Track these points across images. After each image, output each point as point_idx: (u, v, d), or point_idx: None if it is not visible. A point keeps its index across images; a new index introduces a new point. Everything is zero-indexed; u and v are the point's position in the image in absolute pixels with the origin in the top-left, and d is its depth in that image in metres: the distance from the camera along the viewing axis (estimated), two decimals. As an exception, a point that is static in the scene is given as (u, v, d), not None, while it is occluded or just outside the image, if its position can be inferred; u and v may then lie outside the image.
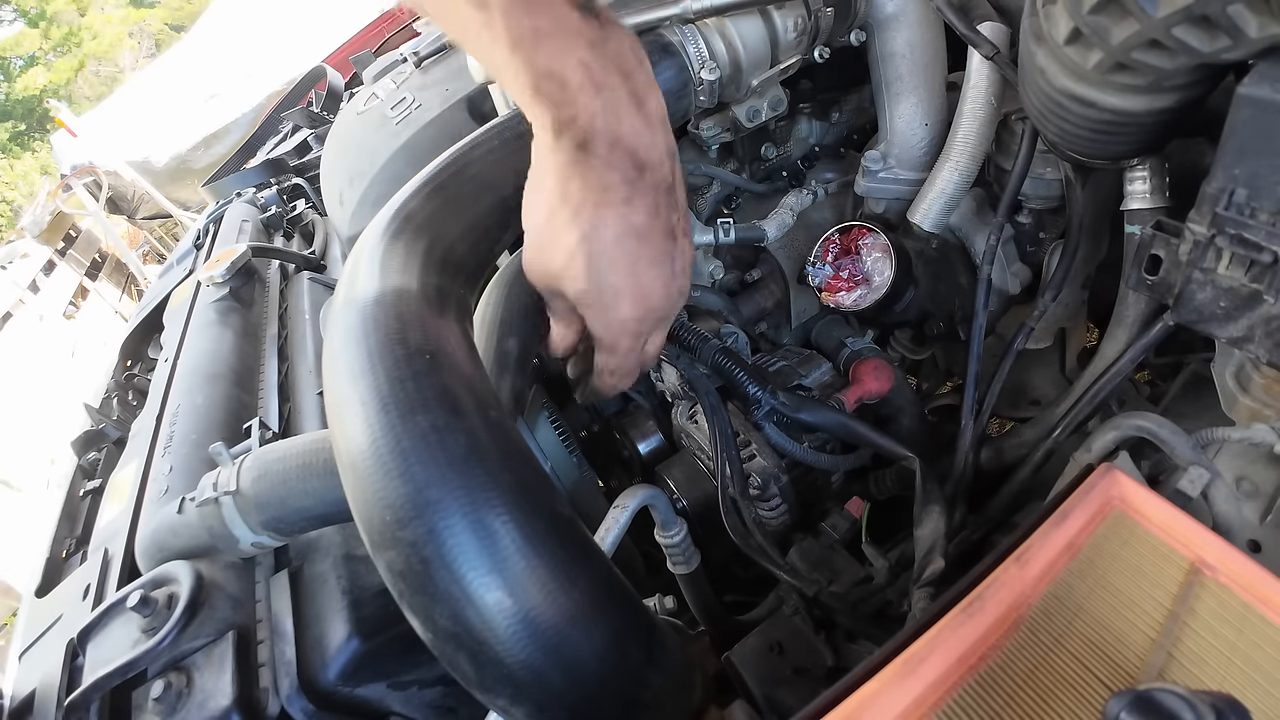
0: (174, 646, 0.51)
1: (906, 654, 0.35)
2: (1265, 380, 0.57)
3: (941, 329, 0.92)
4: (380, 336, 0.39)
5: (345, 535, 0.59)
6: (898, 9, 0.81)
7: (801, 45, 0.79)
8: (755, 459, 0.73)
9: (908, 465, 0.69)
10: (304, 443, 0.55)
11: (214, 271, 1.01)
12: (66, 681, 0.54)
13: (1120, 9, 0.44)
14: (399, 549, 0.34)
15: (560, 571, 0.35)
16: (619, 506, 0.51)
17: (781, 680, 0.55)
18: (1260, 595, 0.38)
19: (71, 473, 0.93)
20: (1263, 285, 0.47)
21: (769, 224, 0.93)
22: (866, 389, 0.81)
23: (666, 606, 0.70)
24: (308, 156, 1.78)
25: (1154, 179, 0.63)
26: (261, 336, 0.98)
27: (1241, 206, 0.47)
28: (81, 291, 4.59)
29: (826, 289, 0.87)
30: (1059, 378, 0.95)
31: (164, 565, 0.55)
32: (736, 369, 0.74)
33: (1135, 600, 0.39)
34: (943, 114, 0.86)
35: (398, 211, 0.50)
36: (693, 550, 0.60)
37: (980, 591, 0.38)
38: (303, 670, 0.52)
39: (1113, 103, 0.52)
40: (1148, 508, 0.43)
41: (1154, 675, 0.35)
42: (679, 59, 0.73)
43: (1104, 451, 0.51)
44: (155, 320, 1.19)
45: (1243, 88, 0.44)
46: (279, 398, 0.83)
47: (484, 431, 0.37)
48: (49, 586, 0.72)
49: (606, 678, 0.37)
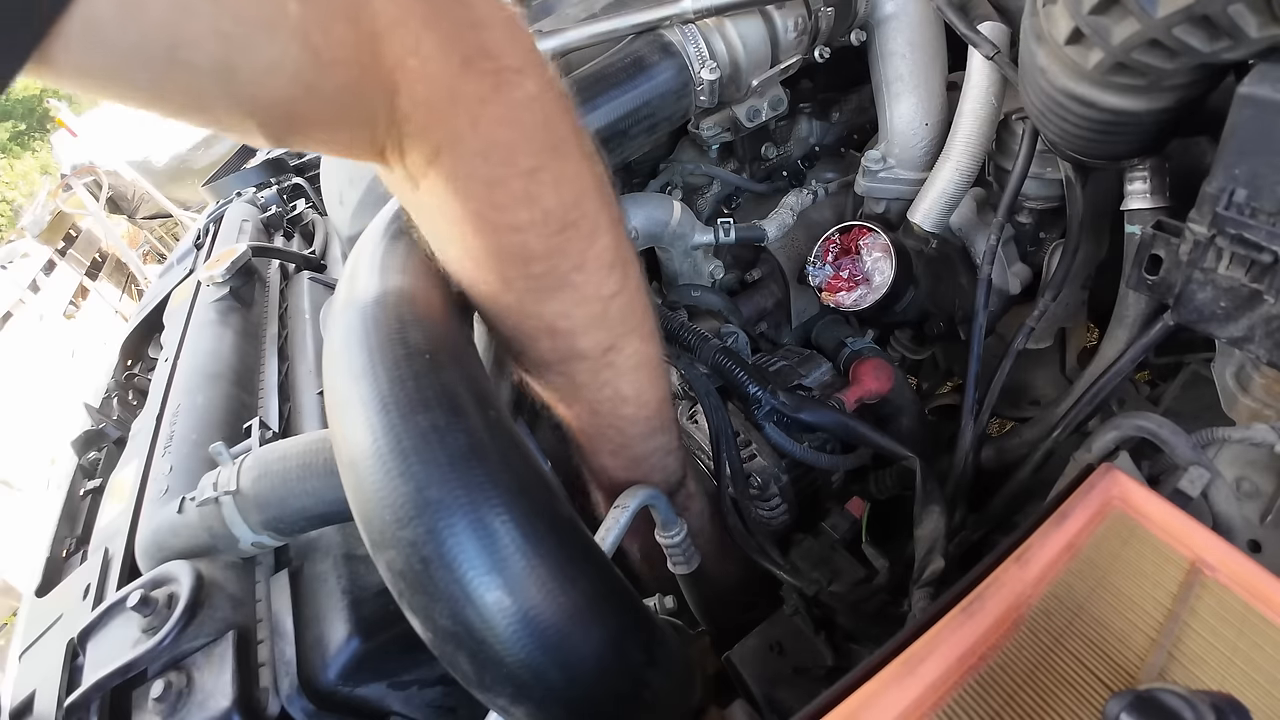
0: (174, 646, 0.50)
1: (906, 654, 0.35)
2: (1265, 380, 0.57)
3: (941, 329, 0.92)
4: (380, 336, 0.39)
5: (345, 535, 0.59)
6: (898, 9, 0.81)
7: (802, 45, 0.80)
8: (755, 459, 0.73)
9: (908, 465, 0.69)
10: (304, 442, 0.55)
11: (214, 271, 1.01)
12: (66, 681, 0.54)
13: (1121, 9, 0.44)
14: (399, 548, 0.34)
15: (560, 571, 0.35)
16: (619, 506, 0.51)
17: (781, 680, 0.55)
18: (1260, 595, 0.38)
19: (71, 472, 0.93)
20: (1263, 285, 0.47)
21: (769, 224, 0.93)
22: (867, 389, 0.81)
23: (666, 606, 0.70)
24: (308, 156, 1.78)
25: (1154, 179, 0.63)
26: (262, 336, 0.98)
27: (1241, 206, 0.47)
28: (82, 291, 4.59)
29: (827, 289, 0.87)
30: (1059, 378, 0.95)
31: (164, 565, 0.55)
32: (736, 369, 0.74)
33: (1135, 600, 0.39)
34: (943, 114, 0.86)
35: (398, 212, 0.50)
36: (693, 550, 0.60)
37: (980, 591, 0.38)
38: (303, 670, 0.52)
39: (1113, 103, 0.51)
40: (1148, 508, 0.43)
41: (1154, 675, 0.35)
42: (679, 59, 0.73)
43: (1104, 451, 0.51)
44: (155, 320, 1.19)
45: (1243, 87, 0.44)
46: (279, 397, 0.83)
47: (484, 431, 0.37)
48: (49, 586, 0.72)
49: (606, 677, 0.37)
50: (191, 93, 0.31)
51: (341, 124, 0.37)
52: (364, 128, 0.37)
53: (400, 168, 0.40)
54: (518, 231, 0.41)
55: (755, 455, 0.73)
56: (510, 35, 0.38)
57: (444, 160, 0.38)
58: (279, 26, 0.30)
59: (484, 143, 0.38)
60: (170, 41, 0.27)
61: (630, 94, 0.72)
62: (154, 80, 0.30)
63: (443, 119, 0.37)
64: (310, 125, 0.36)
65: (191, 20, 0.27)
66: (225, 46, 0.29)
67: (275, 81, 0.31)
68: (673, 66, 0.73)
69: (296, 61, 0.31)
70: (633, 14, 0.73)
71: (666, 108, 0.74)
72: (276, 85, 0.32)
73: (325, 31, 0.31)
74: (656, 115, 0.74)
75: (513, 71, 0.38)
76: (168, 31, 0.27)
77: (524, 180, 0.39)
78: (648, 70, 0.72)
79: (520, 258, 0.42)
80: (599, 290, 0.45)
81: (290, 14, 0.29)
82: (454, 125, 0.37)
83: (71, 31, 0.24)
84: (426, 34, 0.34)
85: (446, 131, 0.37)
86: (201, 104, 0.33)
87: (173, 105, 0.32)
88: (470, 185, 0.39)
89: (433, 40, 0.34)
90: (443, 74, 0.35)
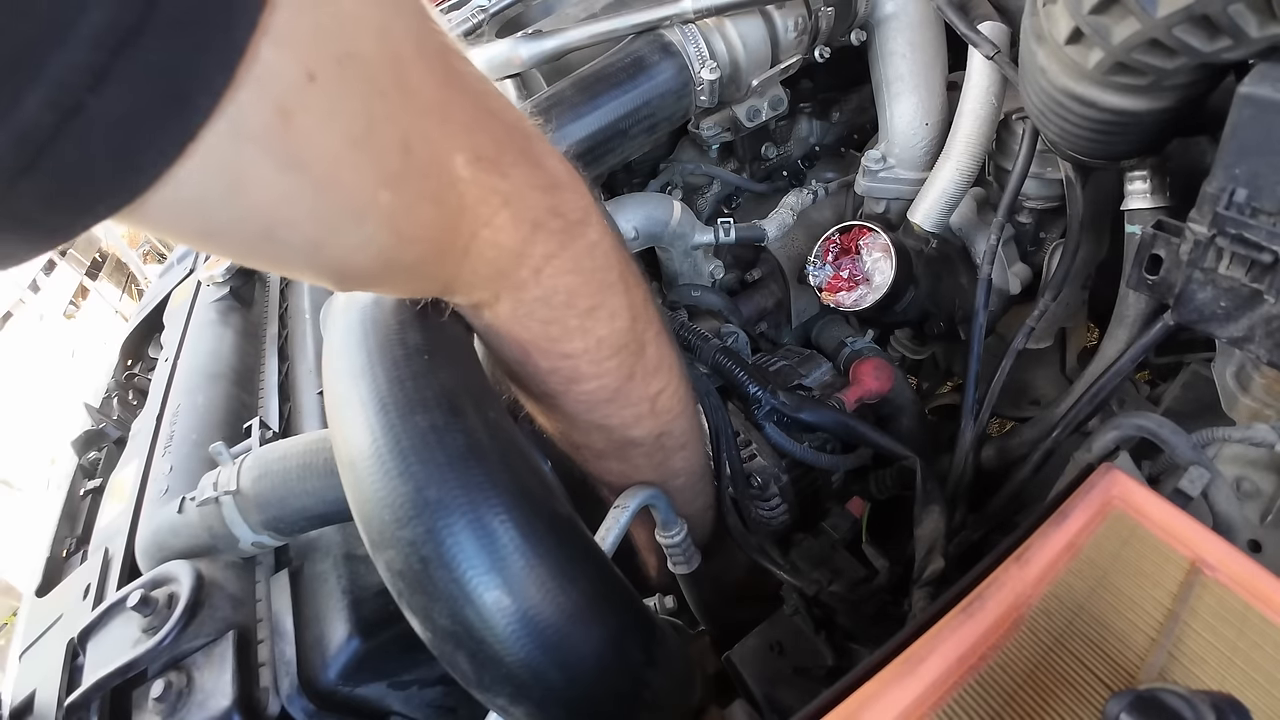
0: (174, 646, 0.50)
1: (906, 654, 0.35)
2: (1265, 380, 0.57)
3: (942, 329, 0.92)
4: (379, 336, 0.39)
5: (345, 535, 0.59)
6: (898, 8, 0.81)
7: (802, 45, 0.80)
8: (755, 459, 0.73)
9: (908, 465, 0.69)
10: (304, 442, 0.55)
11: (214, 271, 1.01)
12: (66, 681, 0.54)
13: (1121, 9, 0.44)
14: (398, 548, 0.34)
15: (559, 571, 0.35)
16: (619, 506, 0.51)
17: (781, 680, 0.55)
18: (1260, 595, 0.38)
19: (72, 472, 0.93)
20: (1263, 285, 0.47)
21: (769, 223, 0.93)
22: (867, 388, 0.81)
23: (666, 606, 0.70)
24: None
25: (1154, 179, 0.63)
26: (262, 336, 0.98)
27: (1242, 206, 0.46)
28: (82, 291, 4.59)
29: (827, 288, 0.87)
30: (1059, 377, 0.95)
31: (164, 565, 0.55)
32: (737, 368, 0.74)
33: (1135, 600, 0.39)
34: (943, 113, 0.86)
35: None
36: (693, 550, 0.60)
37: (980, 591, 0.38)
38: (303, 670, 0.52)
39: (1113, 102, 0.51)
40: (1148, 507, 0.43)
41: (1154, 675, 0.35)
42: (679, 59, 0.73)
43: (1104, 451, 0.51)
44: (155, 320, 1.19)
45: (1243, 87, 0.44)
46: (279, 397, 0.83)
47: (483, 431, 0.37)
48: (49, 586, 0.72)
49: (606, 677, 0.37)
50: (278, 260, 0.33)
51: (410, 283, 0.38)
52: (431, 284, 0.38)
53: (463, 301, 0.41)
54: (569, 358, 0.43)
55: (755, 455, 0.73)
56: (576, 191, 0.39)
57: (504, 303, 0.39)
58: (369, 214, 0.30)
59: (546, 290, 0.39)
60: (267, 223, 0.28)
61: (630, 94, 0.72)
62: (245, 248, 0.30)
63: (506, 274, 0.38)
64: (381, 283, 0.38)
65: (291, 208, 0.28)
66: (317, 231, 0.30)
67: (358, 258, 0.32)
68: (673, 66, 0.73)
69: (381, 244, 0.32)
70: (633, 14, 0.73)
71: (666, 107, 0.74)
72: (359, 261, 0.33)
73: (410, 217, 0.32)
74: (656, 115, 0.74)
75: (577, 224, 0.39)
76: (267, 214, 0.27)
77: (581, 318, 0.41)
78: (648, 70, 0.72)
79: (570, 378, 0.44)
80: (646, 392, 0.47)
81: (380, 203, 0.30)
82: (517, 278, 0.38)
83: (168, 199, 0.23)
84: (504, 209, 0.35)
85: (509, 283, 0.38)
86: (285, 267, 0.35)
87: (257, 264, 0.36)
88: (529, 323, 0.40)
89: (508, 213, 0.35)
90: (513, 241, 0.36)
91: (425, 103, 0.30)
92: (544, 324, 0.41)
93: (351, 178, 0.28)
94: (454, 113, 0.32)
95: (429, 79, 0.31)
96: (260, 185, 0.26)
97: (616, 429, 0.48)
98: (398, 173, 0.30)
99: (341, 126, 0.27)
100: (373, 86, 0.28)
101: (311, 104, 0.25)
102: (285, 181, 0.26)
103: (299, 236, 0.29)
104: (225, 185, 0.25)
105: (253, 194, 0.26)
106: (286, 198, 0.27)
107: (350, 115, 0.27)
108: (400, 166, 0.30)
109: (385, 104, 0.28)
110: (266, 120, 0.24)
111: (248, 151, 0.24)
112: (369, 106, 0.28)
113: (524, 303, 0.39)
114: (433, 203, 0.32)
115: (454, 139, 0.32)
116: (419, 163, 0.31)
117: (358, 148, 0.28)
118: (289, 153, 0.26)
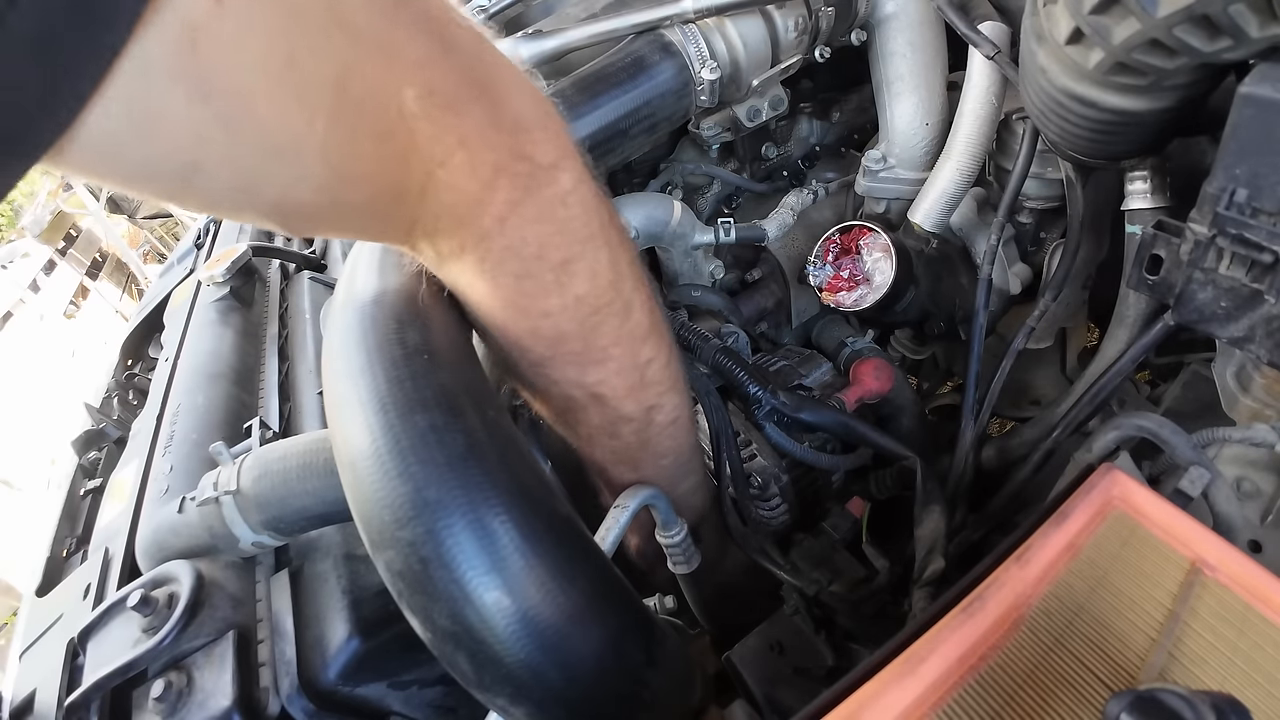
0: (174, 646, 0.51)
1: (906, 654, 0.35)
2: (1266, 380, 0.57)
3: (942, 329, 0.92)
4: (379, 336, 0.39)
5: (345, 535, 0.59)
6: (898, 8, 0.81)
7: (802, 45, 0.80)
8: (756, 459, 0.73)
9: (908, 465, 0.69)
10: (304, 442, 0.55)
11: (214, 271, 1.01)
12: (67, 681, 0.54)
13: (1121, 9, 0.44)
14: (398, 548, 0.34)
15: (559, 571, 0.35)
16: (619, 506, 0.51)
17: (781, 680, 0.55)
18: (1261, 595, 0.38)
19: (72, 472, 0.93)
20: (1263, 285, 0.47)
21: (769, 223, 0.93)
22: (867, 388, 0.81)
23: (666, 606, 0.70)
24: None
25: (1154, 179, 0.63)
26: (262, 336, 0.98)
27: (1242, 206, 0.46)
28: (82, 291, 4.59)
29: (827, 288, 0.87)
30: (1059, 377, 0.95)
31: (164, 565, 0.55)
32: (737, 368, 0.74)
33: (1136, 600, 0.39)
34: (943, 113, 0.86)
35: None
36: (693, 550, 0.59)
37: (980, 591, 0.38)
38: (303, 670, 0.52)
39: (1114, 103, 0.51)
40: (1148, 508, 0.42)
41: (1154, 675, 0.35)
42: (679, 59, 0.73)
43: (1104, 451, 0.51)
44: (156, 320, 1.19)
45: (1244, 87, 0.44)
46: (279, 397, 0.83)
47: (482, 431, 0.36)
48: (49, 586, 0.72)
49: (606, 677, 0.37)
50: (212, 202, 0.32)
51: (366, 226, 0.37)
52: (389, 227, 0.37)
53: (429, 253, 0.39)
54: (548, 316, 0.41)
55: (755, 455, 0.73)
56: (546, 132, 0.37)
57: (469, 254, 0.38)
58: (297, 151, 0.29)
59: (513, 240, 0.37)
60: (186, 160, 0.27)
61: (630, 94, 0.72)
62: (171, 189, 0.29)
63: (468, 222, 0.36)
64: (333, 225, 0.37)
65: (205, 145, 0.27)
66: (239, 170, 0.28)
67: (296, 196, 0.31)
68: (673, 66, 0.73)
69: (319, 181, 0.31)
70: (633, 14, 0.73)
71: (667, 107, 0.74)
72: (298, 199, 0.31)
73: (349, 153, 0.31)
74: (657, 115, 0.74)
75: (546, 169, 0.37)
76: (183, 151, 0.26)
77: (555, 272, 0.39)
78: (648, 70, 0.72)
79: (552, 339, 0.42)
80: (635, 359, 0.46)
81: (311, 139, 0.29)
82: (480, 226, 0.36)
83: (85, 139, 0.23)
84: (459, 149, 0.33)
85: (472, 232, 0.37)
86: (221, 209, 0.34)
87: (192, 207, 0.34)
88: (498, 276, 0.39)
89: (464, 154, 0.34)
90: (471, 185, 0.35)
91: (366, 35, 0.29)
92: (516, 278, 0.39)
93: (270, 112, 0.27)
94: (403, 46, 0.31)
95: (371, 9, 0.29)
96: (172, 119, 0.25)
97: (609, 400, 0.47)
98: (331, 108, 0.28)
99: (253, 56, 0.25)
100: (294, 16, 0.26)
101: (220, 29, 0.24)
102: (195, 114, 0.25)
103: (223, 175, 0.28)
104: (138, 120, 0.24)
105: (165, 129, 0.25)
106: (199, 133, 0.26)
107: (265, 44, 0.25)
108: (333, 102, 0.28)
109: (311, 35, 0.27)
110: (174, 45, 0.23)
111: (157, 82, 0.23)
112: (289, 37, 0.26)
113: (491, 252, 0.37)
114: (375, 140, 0.31)
115: (402, 74, 0.31)
116: (355, 98, 0.29)
117: (275, 79, 0.26)
118: (196, 82, 0.24)
